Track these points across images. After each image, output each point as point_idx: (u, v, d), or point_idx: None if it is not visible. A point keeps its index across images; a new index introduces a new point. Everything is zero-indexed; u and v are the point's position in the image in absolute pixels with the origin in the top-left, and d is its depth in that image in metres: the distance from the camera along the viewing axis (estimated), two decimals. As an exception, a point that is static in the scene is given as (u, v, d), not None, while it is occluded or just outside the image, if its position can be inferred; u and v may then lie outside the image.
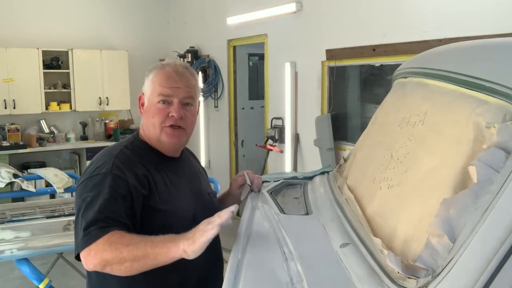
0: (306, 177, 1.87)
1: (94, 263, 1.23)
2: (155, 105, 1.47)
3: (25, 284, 3.79)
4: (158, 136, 1.48)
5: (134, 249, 1.19)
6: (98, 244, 1.22)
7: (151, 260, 1.19)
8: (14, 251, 2.60)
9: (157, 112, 1.46)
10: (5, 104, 6.05)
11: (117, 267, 1.21)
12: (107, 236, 1.23)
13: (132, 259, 1.19)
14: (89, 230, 1.25)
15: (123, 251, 1.19)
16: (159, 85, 1.46)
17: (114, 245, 1.21)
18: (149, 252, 1.18)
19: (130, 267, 1.20)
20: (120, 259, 1.20)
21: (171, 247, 1.17)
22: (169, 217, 1.43)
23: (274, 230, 1.28)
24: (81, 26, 6.70)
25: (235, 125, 6.00)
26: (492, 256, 0.77)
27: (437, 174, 1.01)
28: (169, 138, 1.48)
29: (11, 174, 3.95)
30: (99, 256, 1.22)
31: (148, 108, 1.49)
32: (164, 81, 1.46)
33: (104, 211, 1.28)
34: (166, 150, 1.53)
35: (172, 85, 1.46)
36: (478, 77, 1.04)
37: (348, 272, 1.00)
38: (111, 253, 1.20)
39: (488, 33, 2.88)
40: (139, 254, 1.18)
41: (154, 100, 1.47)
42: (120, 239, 1.22)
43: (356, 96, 4.33)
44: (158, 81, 1.47)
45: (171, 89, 1.46)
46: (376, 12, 3.84)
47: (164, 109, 1.46)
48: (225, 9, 5.73)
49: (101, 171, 1.37)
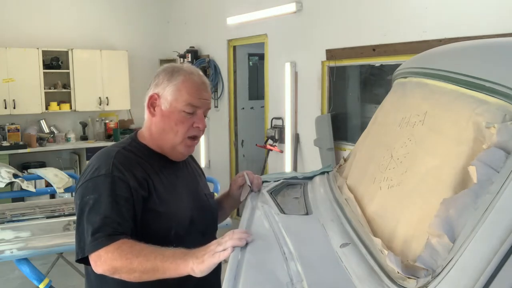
0: (306, 177, 1.87)
1: (104, 268, 1.24)
2: (179, 113, 1.44)
3: (25, 284, 3.79)
4: (176, 144, 1.47)
5: (144, 261, 1.20)
6: (108, 252, 1.23)
7: (160, 273, 1.20)
8: (14, 251, 2.60)
9: (182, 121, 1.45)
10: (5, 104, 6.05)
11: (126, 276, 1.24)
12: (117, 244, 1.24)
13: (142, 271, 1.21)
14: (97, 236, 1.26)
15: (133, 262, 1.21)
16: (188, 93, 1.44)
17: (125, 254, 1.22)
18: (158, 265, 1.19)
19: (139, 277, 1.22)
20: (130, 269, 1.21)
21: (180, 263, 1.18)
22: (167, 219, 1.42)
23: (274, 230, 1.28)
24: (81, 26, 6.70)
25: (235, 125, 6.00)
26: (492, 256, 0.77)
27: (437, 174, 1.01)
28: (186, 149, 1.49)
29: (11, 174, 3.95)
30: (109, 263, 1.23)
31: (170, 114, 1.45)
32: (194, 91, 1.45)
33: (110, 215, 1.29)
34: (175, 157, 1.52)
35: (201, 96, 1.46)
36: (478, 77, 1.04)
37: (348, 272, 1.00)
38: (121, 262, 1.22)
39: (488, 33, 2.88)
40: (149, 267, 1.20)
41: (179, 107, 1.44)
42: (131, 248, 1.23)
43: (356, 96, 4.33)
44: (187, 89, 1.44)
45: (199, 100, 1.46)
46: (376, 12, 3.84)
47: (190, 118, 1.45)
48: (225, 9, 5.73)
49: (101, 172, 1.36)
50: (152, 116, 1.48)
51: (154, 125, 1.48)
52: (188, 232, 1.46)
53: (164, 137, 1.47)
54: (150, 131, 1.50)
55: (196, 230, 1.49)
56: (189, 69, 1.49)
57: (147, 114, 1.50)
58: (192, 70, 1.49)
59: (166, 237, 1.38)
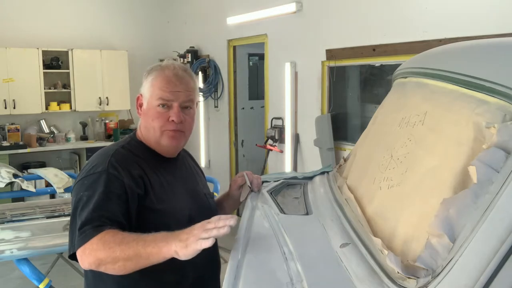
0: (306, 177, 1.87)
1: (89, 261, 1.24)
2: (154, 109, 1.47)
3: (25, 284, 3.79)
4: (158, 139, 1.49)
5: (126, 248, 1.19)
6: (92, 243, 1.23)
7: (144, 259, 1.19)
8: (14, 251, 2.60)
9: (156, 116, 1.47)
10: (5, 104, 6.05)
11: (110, 266, 1.22)
12: (100, 235, 1.23)
13: (125, 258, 1.19)
14: (84, 229, 1.26)
15: (115, 250, 1.20)
16: (159, 88, 1.46)
17: (107, 243, 1.21)
18: (141, 251, 1.18)
19: (123, 266, 1.21)
20: (113, 258, 1.20)
21: (163, 247, 1.17)
22: (165, 217, 1.43)
23: (274, 230, 1.28)
24: (81, 26, 6.70)
25: (235, 125, 6.00)
26: (492, 256, 0.77)
27: (437, 174, 1.01)
28: (169, 141, 1.49)
29: (11, 174, 3.96)
30: (93, 255, 1.22)
31: (147, 111, 1.49)
32: (164, 85, 1.46)
33: (98, 210, 1.29)
34: (165, 152, 1.53)
35: (172, 89, 1.46)
36: (478, 77, 1.04)
37: (348, 272, 1.00)
38: (104, 252, 1.21)
39: (488, 33, 2.88)
40: (131, 254, 1.19)
41: (153, 103, 1.47)
42: (113, 237, 1.22)
43: (356, 96, 4.33)
44: (158, 84, 1.46)
45: (171, 93, 1.46)
46: (376, 12, 3.84)
47: (164, 113, 1.46)
48: (225, 9, 5.73)
49: (97, 170, 1.38)
50: (139, 116, 1.54)
51: (142, 124, 1.54)
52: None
53: (148, 134, 1.51)
54: (141, 130, 1.54)
55: None
56: (165, 64, 1.50)
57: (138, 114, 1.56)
58: (168, 65, 1.50)
59: None
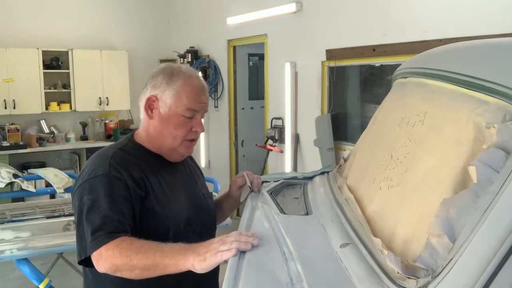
0: (306, 177, 1.86)
1: (106, 267, 1.24)
2: (178, 117, 1.44)
3: (25, 284, 3.79)
4: (176, 147, 1.48)
5: (143, 258, 1.20)
6: (108, 249, 1.23)
7: (160, 269, 1.20)
8: (14, 251, 2.60)
9: (181, 125, 1.45)
10: (5, 104, 6.05)
11: (127, 273, 1.23)
12: (117, 242, 1.23)
13: (142, 268, 1.20)
14: (97, 235, 1.25)
15: (133, 259, 1.20)
16: (188, 98, 1.44)
17: (124, 251, 1.21)
18: (158, 262, 1.19)
19: (141, 274, 1.22)
20: (130, 266, 1.21)
21: (180, 259, 1.17)
22: (164, 219, 1.42)
23: (274, 230, 1.28)
24: (81, 26, 6.70)
25: (235, 125, 6.00)
26: (492, 256, 0.77)
27: (437, 174, 1.01)
28: (186, 150, 1.50)
29: (11, 174, 3.96)
30: (110, 261, 1.23)
31: (169, 118, 1.45)
32: (193, 95, 1.45)
33: (109, 214, 1.29)
34: (174, 159, 1.53)
35: (200, 100, 1.46)
36: (478, 77, 1.04)
37: (348, 272, 1.00)
38: (121, 259, 1.21)
39: (488, 33, 2.88)
40: (149, 264, 1.19)
41: (178, 111, 1.44)
42: (130, 245, 1.23)
43: (356, 96, 4.34)
44: (187, 93, 1.44)
45: (199, 105, 1.46)
46: (376, 12, 3.84)
47: (189, 123, 1.46)
48: (225, 9, 5.73)
49: (98, 173, 1.36)
50: (149, 118, 1.48)
51: (152, 128, 1.48)
52: (185, 232, 1.46)
53: (163, 140, 1.48)
54: (148, 133, 1.50)
55: (192, 231, 1.49)
56: (188, 72, 1.48)
57: (144, 116, 1.49)
58: (191, 73, 1.49)
59: (164, 237, 1.37)
